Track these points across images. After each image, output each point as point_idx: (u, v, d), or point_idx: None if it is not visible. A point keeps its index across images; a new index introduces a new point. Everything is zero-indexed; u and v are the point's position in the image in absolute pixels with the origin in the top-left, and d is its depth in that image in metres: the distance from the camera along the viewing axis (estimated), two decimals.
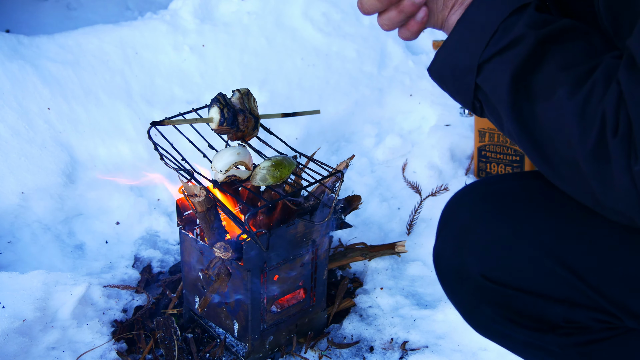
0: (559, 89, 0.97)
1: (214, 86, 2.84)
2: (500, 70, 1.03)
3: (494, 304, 1.18)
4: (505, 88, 1.02)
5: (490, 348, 1.82)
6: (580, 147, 0.95)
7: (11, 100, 2.42)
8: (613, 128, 0.92)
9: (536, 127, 1.01)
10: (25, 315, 1.77)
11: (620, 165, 0.92)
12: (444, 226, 1.26)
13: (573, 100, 0.95)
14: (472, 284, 1.18)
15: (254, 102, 1.63)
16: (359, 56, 3.22)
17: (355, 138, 3.02)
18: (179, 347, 1.83)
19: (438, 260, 1.26)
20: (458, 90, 1.12)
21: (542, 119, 1.00)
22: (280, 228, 1.68)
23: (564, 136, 0.97)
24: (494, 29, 1.04)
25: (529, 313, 1.17)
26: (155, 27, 2.93)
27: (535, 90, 1.00)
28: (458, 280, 1.21)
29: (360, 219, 2.49)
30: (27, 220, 2.24)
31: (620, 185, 0.94)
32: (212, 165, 1.62)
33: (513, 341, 1.25)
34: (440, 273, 1.26)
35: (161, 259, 2.24)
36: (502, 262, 1.15)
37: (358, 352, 1.90)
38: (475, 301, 1.21)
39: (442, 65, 1.12)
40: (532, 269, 1.13)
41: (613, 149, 0.92)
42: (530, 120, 1.01)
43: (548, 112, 0.99)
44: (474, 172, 2.62)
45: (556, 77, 0.99)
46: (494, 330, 1.25)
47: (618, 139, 0.91)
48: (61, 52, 2.67)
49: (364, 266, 2.23)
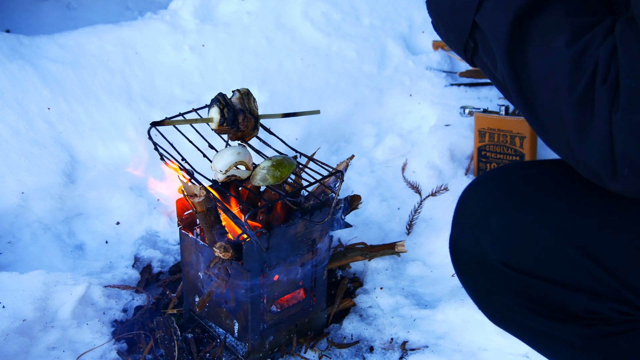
0: (558, 36, 0.97)
1: (214, 86, 2.84)
2: (502, 8, 1.01)
3: (514, 293, 1.16)
4: (504, 27, 1.01)
5: (490, 348, 1.82)
6: (567, 95, 0.94)
7: (11, 100, 2.42)
8: (603, 76, 0.91)
9: (527, 71, 1.00)
10: (25, 315, 1.77)
11: (602, 114, 0.91)
12: (461, 213, 1.23)
13: (571, 48, 0.95)
14: (492, 272, 1.16)
15: (254, 102, 1.63)
16: (359, 56, 3.22)
17: (355, 138, 3.02)
18: (179, 347, 1.83)
19: (455, 248, 1.23)
20: (454, 27, 1.10)
21: (535, 64, 0.99)
22: (280, 228, 1.68)
23: (554, 83, 0.96)
24: None
25: (549, 302, 1.14)
26: (155, 27, 2.93)
27: (534, 35, 1.00)
28: (477, 269, 1.19)
29: (360, 219, 2.49)
30: (27, 220, 2.24)
31: (597, 135, 0.93)
32: (212, 165, 1.62)
33: (531, 331, 1.22)
34: (457, 261, 1.23)
35: (161, 259, 2.24)
36: (523, 249, 1.13)
37: (358, 352, 1.90)
38: (494, 290, 1.18)
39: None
40: (554, 257, 1.11)
41: (598, 97, 0.91)
42: (523, 63, 1.00)
43: (543, 58, 0.98)
44: (473, 172, 2.62)
45: (558, 25, 0.98)
46: (512, 320, 1.22)
47: (605, 87, 0.91)
48: (61, 52, 2.67)
49: (364, 266, 2.23)
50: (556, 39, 0.97)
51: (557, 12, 0.99)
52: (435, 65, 3.27)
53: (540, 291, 1.14)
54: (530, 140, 2.45)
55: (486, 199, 1.19)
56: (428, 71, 3.21)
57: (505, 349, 1.80)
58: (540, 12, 1.00)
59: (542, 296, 1.14)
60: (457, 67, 3.32)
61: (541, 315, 1.16)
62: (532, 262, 1.12)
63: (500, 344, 1.81)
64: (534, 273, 1.13)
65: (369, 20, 3.39)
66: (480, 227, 1.17)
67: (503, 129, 2.51)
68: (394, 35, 3.35)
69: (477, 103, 2.95)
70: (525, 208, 1.14)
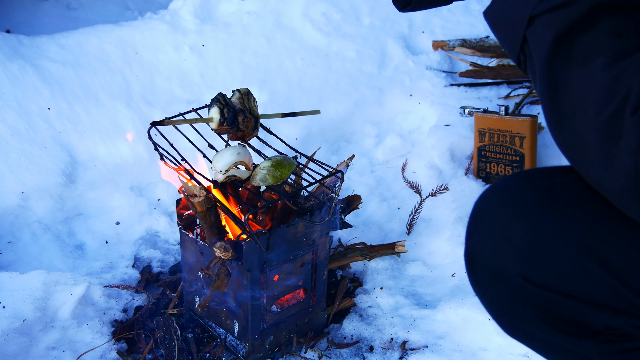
0: (597, 57, 0.96)
1: (214, 86, 2.85)
2: (547, 25, 1.02)
3: (534, 307, 1.13)
4: (545, 45, 1.01)
5: (490, 348, 1.82)
6: (594, 118, 0.94)
7: (11, 100, 2.42)
8: (634, 106, 0.90)
9: (562, 90, 1.00)
10: (25, 315, 1.77)
11: (628, 145, 0.90)
12: (478, 223, 1.19)
13: (607, 72, 0.94)
14: (511, 286, 1.13)
15: (254, 102, 1.63)
16: (359, 56, 3.22)
17: (355, 138, 3.02)
18: (179, 347, 1.83)
19: (472, 260, 1.19)
20: (507, 39, 1.11)
21: (571, 84, 0.99)
22: (280, 228, 1.68)
23: (585, 104, 0.96)
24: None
25: (569, 318, 1.12)
26: (155, 27, 2.93)
27: (575, 54, 0.99)
28: (495, 282, 1.16)
29: (360, 219, 2.49)
30: (27, 220, 2.25)
31: (622, 164, 0.92)
32: (212, 165, 1.62)
33: (550, 346, 1.20)
34: (474, 273, 1.20)
35: (161, 259, 2.24)
36: (544, 263, 1.10)
37: (358, 352, 1.90)
38: (513, 304, 1.15)
39: (497, 11, 1.12)
40: (575, 272, 1.08)
41: (627, 127, 0.90)
42: (560, 82, 1.00)
43: (580, 79, 0.97)
44: (473, 172, 2.62)
45: (600, 45, 0.97)
46: (530, 334, 1.20)
47: (635, 119, 0.89)
48: (61, 52, 2.67)
49: (364, 266, 2.23)
50: (595, 60, 0.96)
51: (602, 31, 0.98)
52: (435, 65, 3.27)
53: (560, 306, 1.12)
54: (530, 140, 2.46)
55: (505, 209, 1.15)
56: (428, 71, 3.21)
57: (505, 349, 1.80)
58: (586, 30, 0.99)
59: (562, 311, 1.12)
60: (457, 67, 3.32)
61: (560, 331, 1.14)
62: (554, 277, 1.10)
63: (500, 344, 1.81)
64: (555, 288, 1.10)
65: (369, 20, 3.39)
66: (499, 238, 1.13)
67: (503, 129, 2.51)
68: (394, 35, 3.35)
69: (477, 103, 2.95)
70: (546, 220, 1.11)
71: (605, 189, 0.98)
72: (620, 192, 0.95)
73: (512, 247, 1.12)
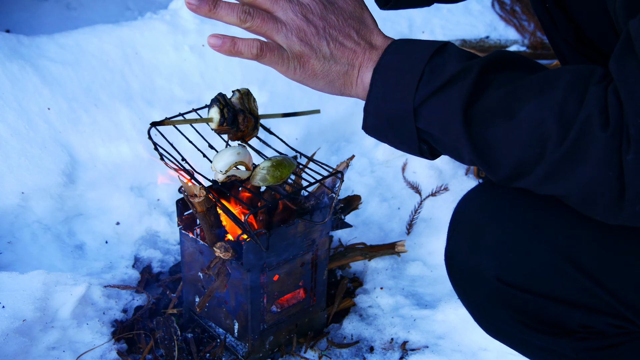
0: (525, 106, 0.95)
1: (214, 86, 2.84)
2: (445, 107, 0.99)
3: (509, 308, 1.16)
4: (458, 124, 0.98)
5: (490, 348, 1.82)
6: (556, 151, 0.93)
7: (11, 100, 2.42)
8: (601, 123, 0.89)
9: (501, 148, 0.98)
10: (25, 315, 1.77)
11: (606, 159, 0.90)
12: (456, 226, 1.22)
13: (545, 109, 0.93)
14: (487, 287, 1.15)
15: (254, 102, 1.63)
16: None
17: (355, 138, 3.02)
18: (179, 347, 1.83)
19: (451, 262, 1.22)
20: (402, 140, 1.07)
21: (507, 139, 0.97)
22: (280, 228, 1.68)
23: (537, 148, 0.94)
24: (419, 71, 1.00)
25: (545, 317, 1.14)
26: (155, 27, 2.93)
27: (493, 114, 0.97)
28: (472, 283, 1.18)
29: (360, 219, 2.49)
30: (27, 220, 2.24)
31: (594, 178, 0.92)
32: (212, 165, 1.62)
33: (526, 345, 1.23)
34: (453, 274, 1.22)
35: (161, 259, 2.24)
36: (518, 265, 1.12)
37: (358, 352, 1.90)
38: (490, 304, 1.18)
39: (376, 120, 1.07)
40: (549, 273, 1.10)
41: (603, 144, 0.89)
42: (496, 143, 0.98)
43: (515, 130, 0.96)
44: (473, 172, 2.62)
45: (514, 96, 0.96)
46: (507, 333, 1.22)
47: (608, 135, 0.89)
48: (61, 52, 2.67)
49: (364, 266, 2.23)
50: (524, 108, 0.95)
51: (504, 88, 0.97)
52: None
53: (535, 306, 1.14)
54: None
55: (480, 213, 1.18)
56: None
57: (505, 349, 1.79)
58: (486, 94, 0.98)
59: (537, 311, 1.14)
60: None
61: (536, 330, 1.16)
62: (528, 278, 1.12)
63: (500, 344, 1.81)
64: (529, 289, 1.12)
65: None
66: (474, 241, 1.16)
67: None
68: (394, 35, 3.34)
69: None
70: (518, 223, 1.13)
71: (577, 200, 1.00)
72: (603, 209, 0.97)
73: (487, 250, 1.14)
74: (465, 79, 0.98)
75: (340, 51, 1.08)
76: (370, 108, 1.07)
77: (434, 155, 1.09)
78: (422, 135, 1.04)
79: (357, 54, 1.08)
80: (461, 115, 0.98)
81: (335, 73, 1.09)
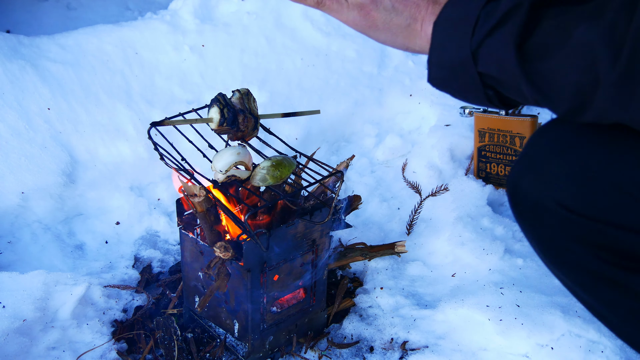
0: (574, 31, 0.95)
1: (214, 86, 2.84)
2: (499, 45, 1.01)
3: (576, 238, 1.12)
4: (513, 59, 1.00)
5: (490, 348, 1.82)
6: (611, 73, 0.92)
7: (11, 100, 2.42)
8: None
9: (558, 78, 0.98)
10: (25, 315, 1.77)
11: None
12: (521, 159, 1.19)
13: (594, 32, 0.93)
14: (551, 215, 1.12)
15: (254, 102, 1.63)
16: (359, 56, 3.22)
17: (355, 138, 3.02)
18: (179, 347, 1.83)
19: (514, 191, 1.18)
20: (467, 88, 1.09)
21: (562, 69, 0.97)
22: (280, 228, 1.68)
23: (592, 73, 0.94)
24: (475, 17, 1.03)
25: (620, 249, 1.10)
26: (155, 27, 2.93)
27: (545, 47, 0.99)
28: (535, 212, 1.15)
29: (360, 219, 2.49)
30: (27, 220, 2.25)
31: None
32: (212, 165, 1.62)
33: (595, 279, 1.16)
34: (517, 205, 1.19)
35: (161, 259, 2.24)
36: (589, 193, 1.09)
37: (358, 352, 1.90)
38: (555, 234, 1.14)
39: (440, 70, 1.10)
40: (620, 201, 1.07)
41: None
42: (551, 75, 0.99)
43: (567, 59, 0.96)
44: (474, 172, 2.62)
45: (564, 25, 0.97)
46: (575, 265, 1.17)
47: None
48: (61, 52, 2.67)
49: (364, 266, 2.23)
50: (573, 34, 0.95)
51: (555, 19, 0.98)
52: None
53: (605, 237, 1.10)
54: None
55: (548, 145, 1.16)
56: None
57: (505, 349, 1.80)
58: (537, 25, 0.99)
59: (608, 242, 1.10)
60: None
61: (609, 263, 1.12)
62: (596, 205, 1.09)
63: (500, 344, 1.81)
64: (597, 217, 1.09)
65: None
66: (539, 170, 1.14)
67: (503, 129, 2.51)
68: None
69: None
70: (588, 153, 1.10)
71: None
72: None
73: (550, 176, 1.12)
74: (516, 16, 1.00)
75: (403, 4, 1.11)
76: (434, 59, 1.09)
77: (502, 102, 1.10)
78: (485, 80, 1.06)
79: (420, 8, 1.11)
80: (514, 50, 1.00)
81: (396, 26, 1.12)
